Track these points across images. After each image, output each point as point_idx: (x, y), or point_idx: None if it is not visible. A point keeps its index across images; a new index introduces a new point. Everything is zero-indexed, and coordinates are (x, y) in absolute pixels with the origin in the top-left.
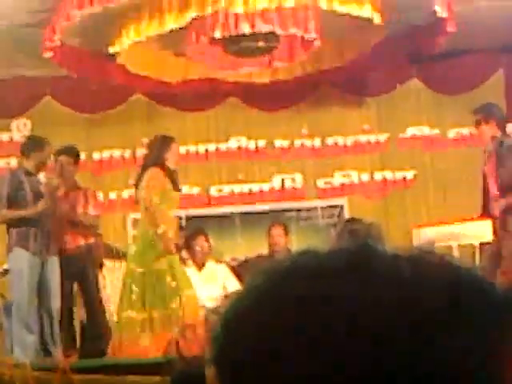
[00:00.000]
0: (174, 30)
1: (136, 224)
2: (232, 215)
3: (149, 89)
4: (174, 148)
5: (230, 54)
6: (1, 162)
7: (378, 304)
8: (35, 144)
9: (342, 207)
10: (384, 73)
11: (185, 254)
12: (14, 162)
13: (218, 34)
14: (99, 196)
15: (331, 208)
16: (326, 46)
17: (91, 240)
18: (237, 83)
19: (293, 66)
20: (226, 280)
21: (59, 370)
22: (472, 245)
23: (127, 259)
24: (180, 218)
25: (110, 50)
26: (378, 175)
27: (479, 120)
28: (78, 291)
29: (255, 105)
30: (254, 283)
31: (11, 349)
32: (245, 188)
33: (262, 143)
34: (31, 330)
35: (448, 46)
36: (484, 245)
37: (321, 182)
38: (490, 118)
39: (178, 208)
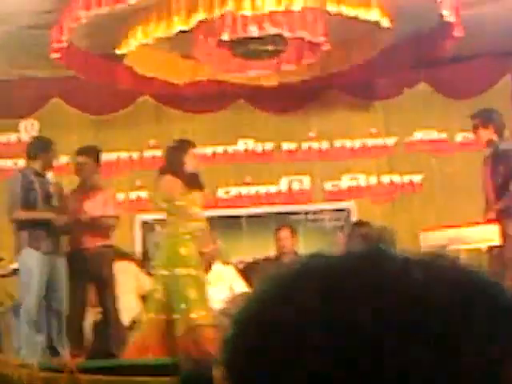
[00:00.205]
0: (181, 31)
1: (145, 226)
2: (239, 217)
3: (156, 91)
4: (191, 152)
5: (238, 56)
6: (9, 163)
7: (391, 307)
8: (41, 145)
9: (349, 210)
10: (391, 77)
11: None
12: (21, 162)
13: (225, 37)
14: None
15: (338, 211)
16: (333, 50)
17: (109, 241)
18: (244, 86)
19: (300, 69)
20: (233, 282)
21: (66, 370)
22: (480, 249)
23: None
24: None
25: (117, 52)
26: (385, 179)
27: (477, 124)
28: (93, 291)
29: (263, 107)
30: (266, 286)
31: (19, 349)
32: (252, 190)
33: (270, 146)
34: (39, 330)
35: (455, 50)
36: (492, 249)
37: (328, 185)
38: (489, 123)
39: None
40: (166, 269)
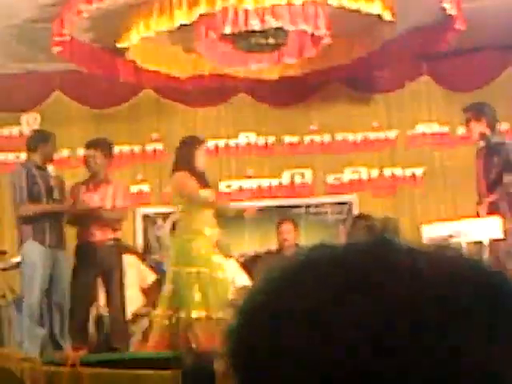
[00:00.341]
0: (183, 25)
1: (146, 219)
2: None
3: (158, 84)
4: (202, 148)
5: (240, 49)
6: (10, 156)
7: (395, 297)
8: (40, 137)
9: (351, 203)
10: (393, 70)
11: None
12: (23, 156)
13: (227, 30)
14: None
15: (340, 204)
16: (335, 43)
17: (118, 234)
18: (246, 79)
19: (302, 63)
20: (235, 275)
21: (69, 363)
22: (481, 242)
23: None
24: None
25: (119, 45)
26: (387, 172)
27: (469, 118)
28: (100, 284)
29: (265, 101)
30: (270, 276)
31: (21, 342)
32: (254, 184)
33: (272, 139)
34: (41, 324)
35: (457, 43)
36: (493, 242)
37: (330, 178)
38: (481, 117)
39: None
40: (175, 266)
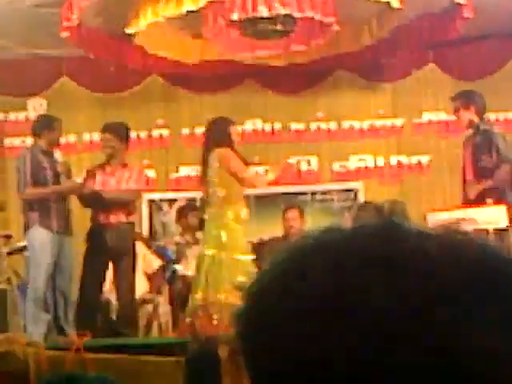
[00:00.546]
0: (191, 11)
1: (151, 205)
2: (247, 198)
3: (165, 70)
4: (234, 129)
5: (247, 36)
6: (17, 141)
7: (406, 281)
8: (46, 122)
9: (357, 191)
10: (400, 58)
11: (200, 235)
12: (29, 141)
13: (235, 16)
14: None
15: (346, 191)
16: (343, 31)
17: (132, 217)
18: (253, 66)
19: (309, 50)
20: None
21: (73, 348)
22: (487, 230)
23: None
24: (194, 199)
25: (127, 31)
26: (393, 160)
27: (458, 106)
28: (111, 269)
29: (271, 87)
30: (278, 259)
31: (25, 327)
32: (260, 170)
33: (278, 126)
34: (46, 309)
35: (465, 31)
36: (498, 231)
37: (336, 166)
38: (470, 105)
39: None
40: (208, 250)
